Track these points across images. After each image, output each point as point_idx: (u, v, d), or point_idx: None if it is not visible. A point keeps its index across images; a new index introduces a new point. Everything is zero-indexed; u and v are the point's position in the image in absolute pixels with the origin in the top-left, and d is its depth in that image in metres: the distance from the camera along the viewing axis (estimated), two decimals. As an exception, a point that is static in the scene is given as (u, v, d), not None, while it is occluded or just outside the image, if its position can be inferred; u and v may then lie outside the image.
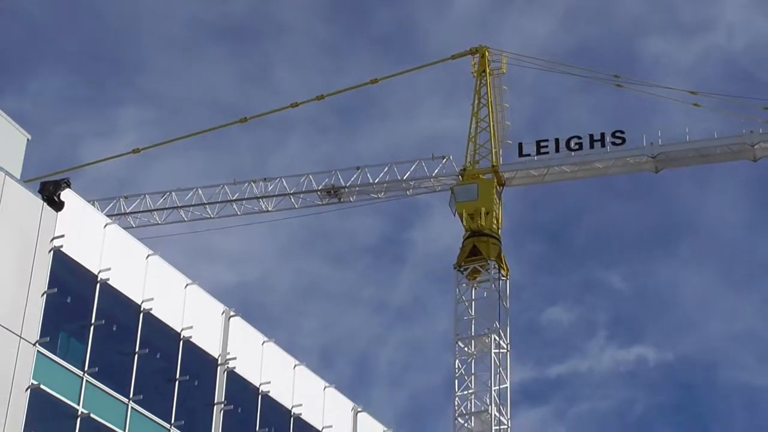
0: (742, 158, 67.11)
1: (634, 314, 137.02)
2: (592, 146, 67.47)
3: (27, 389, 31.45)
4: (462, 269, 69.66)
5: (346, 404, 45.06)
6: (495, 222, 69.38)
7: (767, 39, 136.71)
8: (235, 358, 39.44)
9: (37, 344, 32.01)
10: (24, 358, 31.57)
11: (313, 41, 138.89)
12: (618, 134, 67.51)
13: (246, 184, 70.71)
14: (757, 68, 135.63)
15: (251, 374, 40.16)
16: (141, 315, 36.13)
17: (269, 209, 70.94)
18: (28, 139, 35.12)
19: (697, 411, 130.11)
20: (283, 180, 70.64)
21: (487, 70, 72.26)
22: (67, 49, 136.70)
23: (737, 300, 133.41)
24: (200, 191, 70.06)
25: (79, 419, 33.03)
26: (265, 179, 70.87)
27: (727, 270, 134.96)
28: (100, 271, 34.85)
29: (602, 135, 67.33)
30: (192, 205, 69.87)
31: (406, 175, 70.28)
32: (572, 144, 67.82)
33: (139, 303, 36.14)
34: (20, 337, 31.59)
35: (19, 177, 33.43)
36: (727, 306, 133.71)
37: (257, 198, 70.41)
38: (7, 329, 31.17)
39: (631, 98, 78.38)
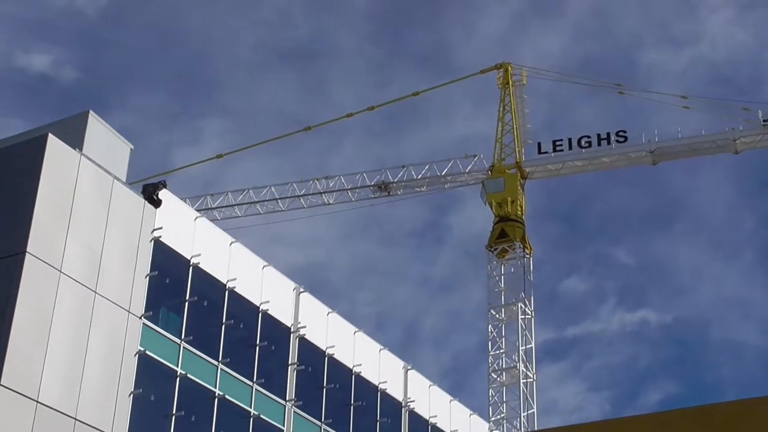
0: (725, 151, 66.96)
1: (638, 283, 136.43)
2: (599, 144, 67.32)
3: (135, 354, 31.97)
4: (492, 249, 69.77)
5: (398, 363, 45.12)
6: (519, 209, 69.43)
7: (745, 49, 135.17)
8: (304, 327, 39.60)
9: (142, 318, 32.52)
10: (132, 329, 32.08)
11: (363, 60, 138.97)
12: (621, 133, 67.33)
13: (310, 182, 70.96)
14: (737, 74, 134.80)
15: (318, 340, 40.27)
16: (226, 292, 36.40)
17: (330, 202, 71.18)
18: (131, 149, 35.23)
19: (691, 364, 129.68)
20: (341, 177, 70.87)
21: (510, 82, 72.24)
22: (161, 72, 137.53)
23: (724, 269, 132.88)
24: (273, 188, 70.44)
25: (178, 379, 33.48)
26: (326, 177, 71.04)
27: (715, 244, 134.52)
28: (192, 257, 35.17)
29: (608, 134, 67.16)
30: (266, 200, 70.22)
31: (444, 171, 70.39)
32: (583, 142, 67.71)
33: (225, 282, 36.39)
34: (129, 312, 32.10)
35: (124, 180, 33.73)
36: (715, 274, 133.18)
37: (320, 193, 70.65)
38: (118, 306, 31.71)
39: (631, 103, 78.10)
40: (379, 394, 42.98)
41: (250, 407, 36.29)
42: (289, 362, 38.73)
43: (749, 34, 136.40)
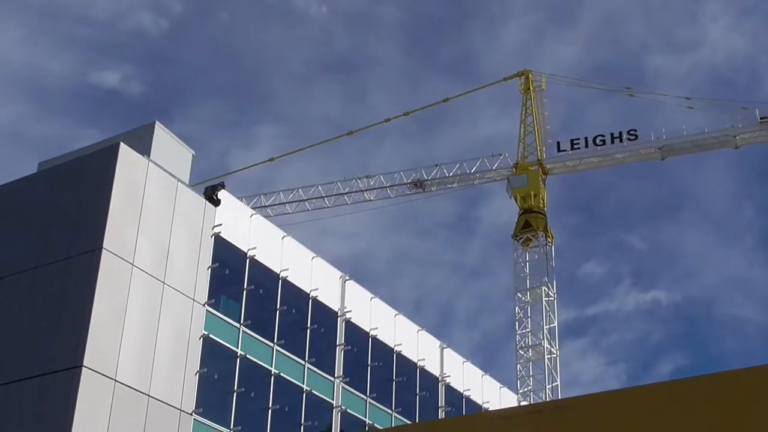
0: (726, 147, 66.33)
1: (649, 266, 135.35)
2: (612, 142, 66.80)
3: (200, 338, 32.25)
4: (518, 238, 69.57)
5: (435, 342, 45.08)
6: (541, 201, 69.16)
7: (743, 53, 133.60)
8: (350, 311, 39.68)
9: (206, 305, 32.73)
10: (197, 315, 32.35)
11: (398, 70, 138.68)
12: (632, 132, 66.82)
13: (353, 181, 70.88)
14: (736, 76, 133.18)
15: (363, 322, 40.31)
16: (279, 281, 36.50)
17: (371, 199, 71.13)
18: (192, 155, 35.42)
19: (699, 338, 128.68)
20: (381, 176, 70.75)
21: (531, 88, 71.92)
22: (219, 84, 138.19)
23: (727, 252, 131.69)
24: (320, 187, 70.47)
25: (238, 359, 33.70)
26: (367, 176, 70.90)
27: (719, 230, 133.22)
28: (248, 250, 35.33)
29: (620, 133, 66.71)
30: (314, 198, 70.29)
31: (473, 169, 70.09)
32: (597, 141, 67.19)
33: (278, 272, 36.50)
34: (194, 300, 32.37)
35: (187, 183, 33.97)
36: (719, 257, 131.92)
37: (362, 191, 70.62)
38: (184, 294, 31.98)
39: (640, 104, 77.45)
40: (418, 370, 43.04)
41: (303, 384, 36.44)
42: (337, 343, 38.84)
43: (746, 39, 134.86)
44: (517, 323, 68.39)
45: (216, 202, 34.32)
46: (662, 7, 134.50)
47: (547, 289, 68.39)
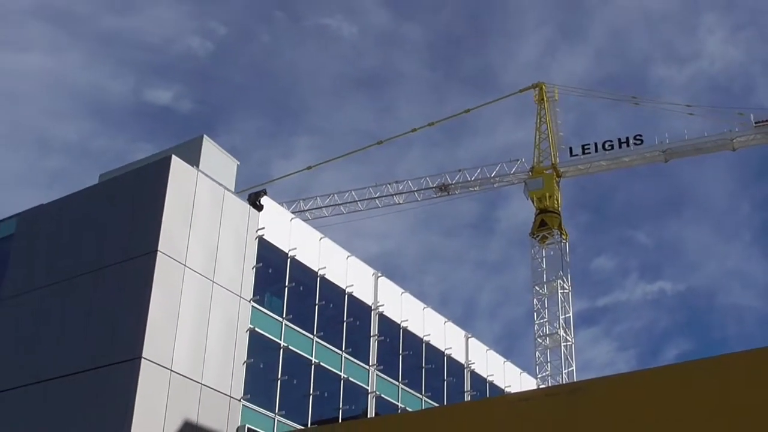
0: (724, 149, 66.00)
1: (655, 260, 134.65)
2: (620, 146, 66.60)
3: (246, 331, 32.38)
4: (535, 236, 69.48)
5: (460, 332, 45.02)
6: (556, 202, 69.02)
7: (738, 63, 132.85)
8: (383, 305, 39.71)
9: (251, 301, 32.87)
10: (243, 311, 32.47)
11: (423, 84, 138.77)
12: (638, 137, 66.58)
13: (383, 186, 71.00)
14: (732, 84, 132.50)
15: (394, 315, 40.31)
16: (318, 278, 36.51)
17: (400, 202, 71.21)
18: (237, 165, 35.51)
19: (702, 326, 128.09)
20: (409, 181, 70.92)
21: (544, 98, 71.77)
22: (259, 100, 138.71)
23: (727, 246, 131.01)
24: (353, 192, 70.68)
25: (281, 350, 33.78)
26: (396, 182, 71.08)
27: (718, 226, 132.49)
28: (289, 250, 35.41)
29: (627, 138, 66.54)
30: (348, 202, 70.50)
31: (493, 173, 70.10)
32: (606, 146, 67.01)
33: (316, 270, 36.54)
34: (240, 297, 32.49)
35: (233, 190, 34.16)
36: (719, 251, 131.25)
37: (391, 195, 70.74)
38: (232, 292, 32.11)
39: (645, 111, 77.09)
40: (445, 358, 43.01)
41: (341, 371, 36.49)
42: (371, 334, 38.87)
43: (741, 50, 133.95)
44: (535, 314, 68.38)
45: (259, 208, 34.46)
46: (663, 22, 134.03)
47: (562, 282, 68.28)
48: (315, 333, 35.66)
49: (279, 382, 33.26)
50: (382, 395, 38.26)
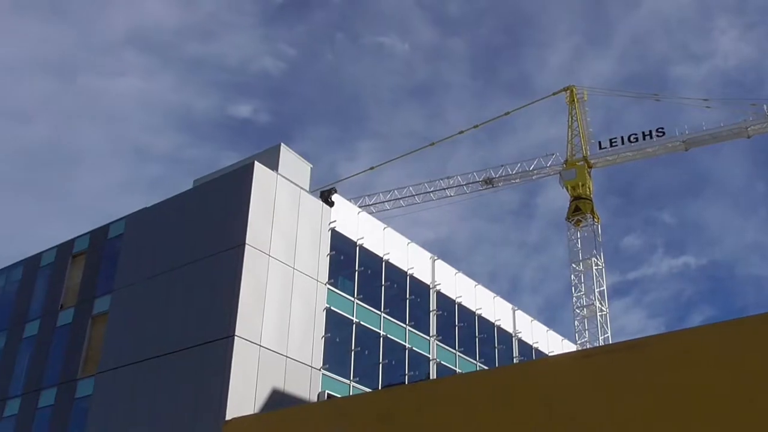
0: (740, 137, 64.07)
1: (679, 237, 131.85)
2: (644, 138, 65.17)
3: (323, 309, 32.41)
4: (570, 220, 68.43)
5: (507, 305, 44.65)
6: (588, 190, 67.91)
7: (750, 59, 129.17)
8: (439, 284, 39.53)
9: (327, 284, 32.89)
10: (320, 292, 32.49)
11: (467, 91, 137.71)
12: (660, 130, 65.07)
13: (436, 181, 70.41)
14: (745, 78, 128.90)
15: (450, 292, 40.11)
16: (383, 263, 36.50)
17: (451, 194, 70.66)
18: (310, 167, 35.44)
19: (724, 294, 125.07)
20: (458, 177, 70.23)
21: (575, 99, 70.56)
22: (326, 110, 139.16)
23: (744, 223, 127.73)
24: (410, 188, 70.31)
25: (354, 325, 33.81)
26: (447, 177, 70.43)
27: (736, 205, 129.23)
28: (357, 239, 35.44)
29: (650, 131, 65.06)
30: (406, 197, 70.16)
31: (531, 167, 69.12)
32: (631, 138, 65.57)
33: (382, 256, 36.54)
34: (317, 280, 32.55)
35: (308, 189, 34.16)
36: (737, 227, 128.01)
37: (443, 189, 70.22)
38: (310, 276, 32.15)
39: (666, 106, 76.35)
40: (495, 328, 42.69)
41: (405, 342, 36.42)
42: (430, 309, 38.69)
43: (752, 47, 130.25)
44: (573, 288, 67.45)
45: (330, 204, 34.47)
46: (680, 26, 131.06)
47: (596, 260, 67.27)
48: (382, 309, 35.63)
49: (353, 353, 33.31)
50: (442, 362, 38.07)
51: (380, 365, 34.49)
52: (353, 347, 33.41)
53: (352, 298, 34.23)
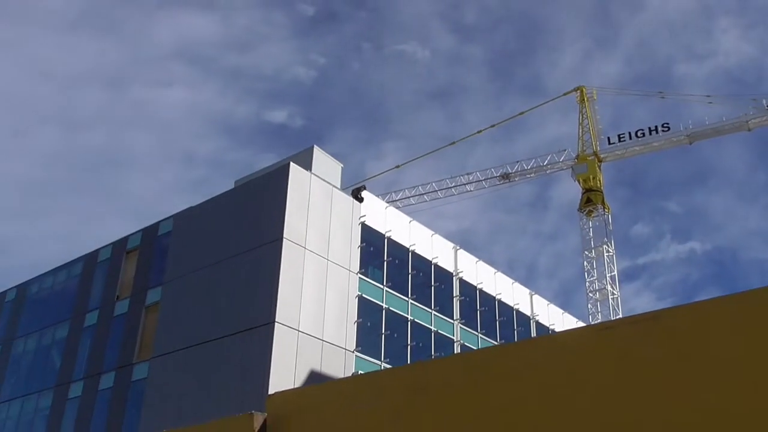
0: (741, 130, 62.89)
1: (685, 224, 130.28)
2: (650, 133, 64.25)
3: (356, 297, 32.44)
4: (582, 211, 67.77)
5: (525, 291, 44.42)
6: (598, 182, 67.18)
7: (750, 57, 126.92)
8: (462, 271, 39.39)
9: (358, 273, 32.97)
10: (352, 281, 32.49)
11: (484, 93, 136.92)
12: (665, 125, 64.10)
13: (457, 177, 70.03)
14: (745, 75, 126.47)
15: (471, 279, 39.93)
16: (410, 253, 36.44)
17: (471, 189, 70.17)
18: (341, 167, 35.59)
19: (728, 277, 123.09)
20: (477, 172, 69.83)
21: (585, 99, 69.80)
22: (354, 114, 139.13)
23: (747, 210, 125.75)
24: (433, 184, 69.87)
25: (383, 311, 33.82)
26: (467, 173, 70.11)
27: (739, 193, 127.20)
28: (386, 232, 35.37)
29: (656, 126, 64.10)
30: (429, 192, 69.81)
31: (545, 162, 68.47)
32: (638, 134, 64.73)
33: (408, 246, 36.44)
34: (349, 270, 32.62)
35: (339, 187, 34.22)
36: (740, 214, 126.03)
37: (464, 184, 69.77)
38: (343, 267, 32.20)
39: (671, 103, 74.69)
40: (514, 312, 42.46)
41: (431, 325, 36.35)
42: (454, 295, 38.58)
43: (752, 46, 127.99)
44: (586, 273, 66.82)
45: (360, 200, 34.46)
46: (683, 28, 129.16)
47: (607, 247, 66.60)
48: (409, 296, 35.56)
49: (383, 336, 33.29)
50: (465, 343, 37.93)
51: (408, 347, 34.42)
52: (383, 331, 33.38)
53: (382, 286, 34.18)
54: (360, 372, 30.95)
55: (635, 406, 1.96)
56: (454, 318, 38.00)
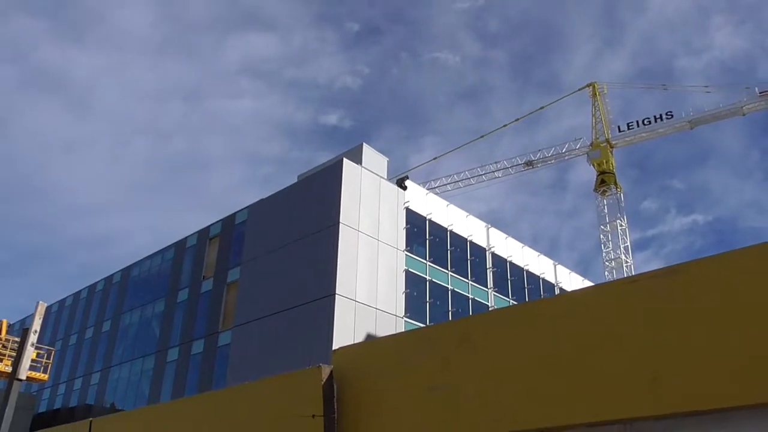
0: (736, 115, 60.86)
1: (688, 199, 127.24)
2: (655, 121, 62.59)
3: (403, 271, 32.42)
4: (597, 191, 66.67)
5: (549, 261, 43.94)
6: (611, 166, 65.87)
7: (742, 50, 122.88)
8: (493, 246, 39.15)
9: (404, 251, 32.98)
10: (400, 258, 32.47)
11: (508, 92, 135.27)
12: (669, 113, 62.42)
13: (486, 165, 69.15)
14: (738, 66, 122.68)
15: (503, 253, 39.67)
16: (448, 232, 36.32)
17: (499, 176, 69.49)
18: (387, 160, 35.49)
19: (729, 245, 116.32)
20: (504, 161, 69.08)
21: (597, 93, 68.31)
22: (395, 114, 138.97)
23: (743, 184, 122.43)
24: (466, 172, 69.46)
25: (428, 282, 33.74)
26: (495, 162, 69.39)
27: (735, 170, 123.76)
28: (427, 214, 35.27)
29: (660, 115, 62.38)
30: (463, 179, 69.44)
31: (563, 149, 67.35)
32: (645, 122, 63.28)
33: (446, 227, 36.32)
34: (396, 248, 32.62)
35: (386, 178, 34.20)
36: (738, 188, 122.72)
37: (492, 171, 69.19)
38: (391, 246, 32.22)
39: (673, 94, 72.45)
40: (540, 280, 42.03)
41: (468, 294, 36.23)
42: (487, 267, 38.36)
43: (744, 40, 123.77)
44: (602, 245, 65.67)
45: (404, 188, 34.41)
46: (682, 26, 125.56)
47: (620, 221, 65.37)
48: (449, 269, 35.46)
49: (427, 304, 33.24)
50: (498, 308, 37.65)
51: (449, 313, 34.33)
52: (427, 299, 33.35)
53: (425, 261, 34.13)
54: (409, 335, 30.98)
55: (658, 351, 1.91)
56: (488, 287, 37.80)
